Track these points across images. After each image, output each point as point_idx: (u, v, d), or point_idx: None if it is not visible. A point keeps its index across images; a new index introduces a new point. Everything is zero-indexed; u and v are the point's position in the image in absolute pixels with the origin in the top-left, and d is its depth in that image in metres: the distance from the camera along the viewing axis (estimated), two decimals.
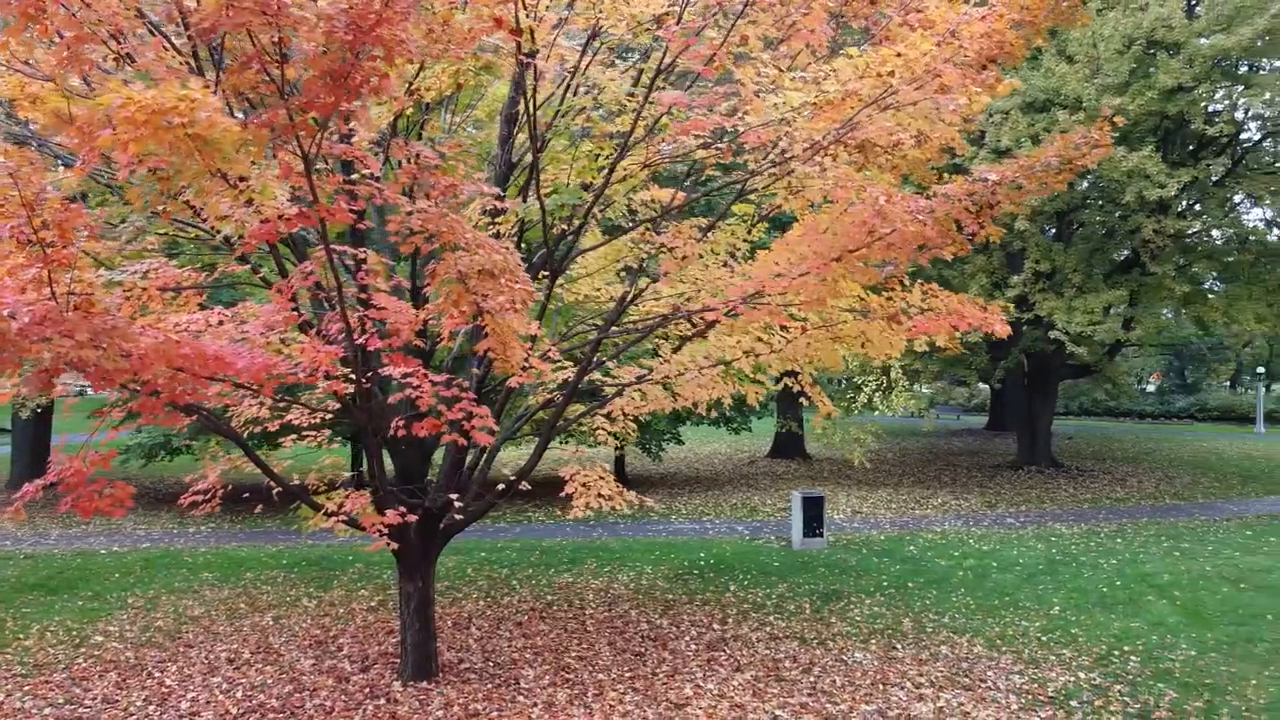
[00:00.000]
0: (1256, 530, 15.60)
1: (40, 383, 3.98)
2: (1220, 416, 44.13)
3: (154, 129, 3.13)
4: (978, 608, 10.48)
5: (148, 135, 3.16)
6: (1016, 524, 16.38)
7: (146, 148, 3.22)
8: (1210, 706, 7.47)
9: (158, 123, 3.11)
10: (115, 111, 3.11)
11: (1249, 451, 28.91)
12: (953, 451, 28.93)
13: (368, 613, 10.37)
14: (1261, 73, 17.94)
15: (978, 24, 5.42)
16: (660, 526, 16.07)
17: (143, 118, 3.10)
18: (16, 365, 3.82)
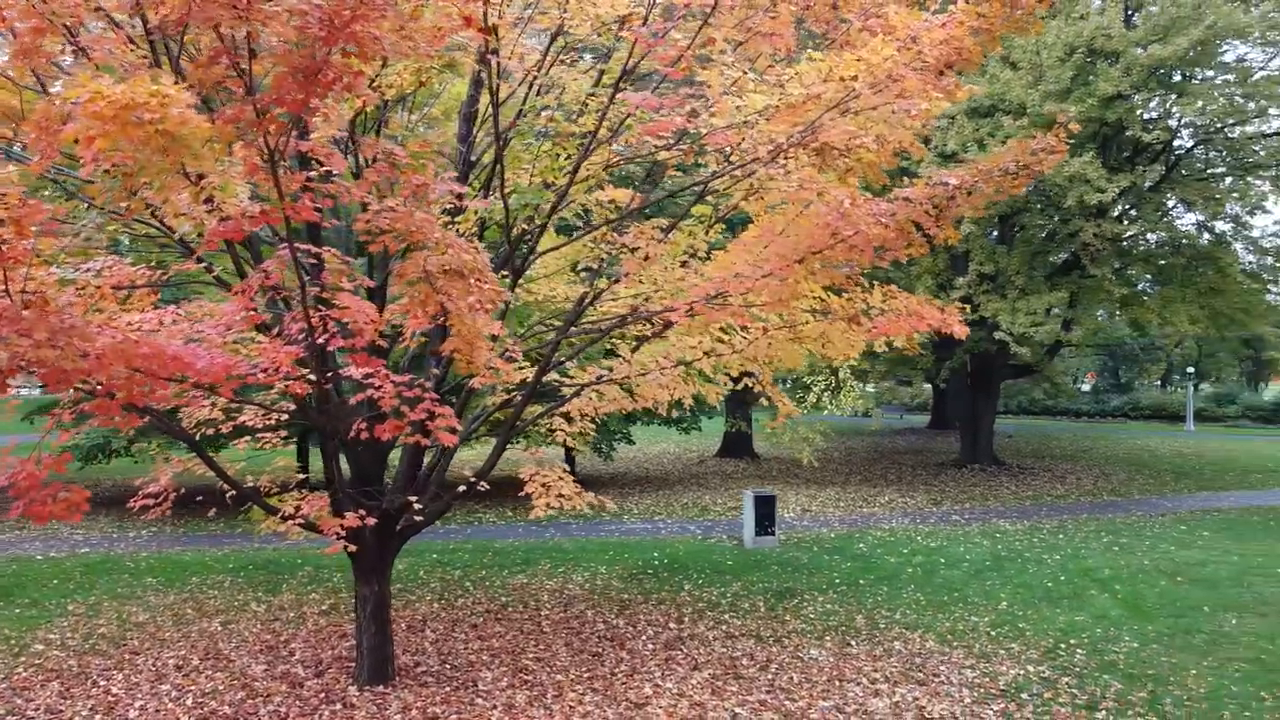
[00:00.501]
0: (1190, 525, 16.11)
1: None
2: (1152, 415, 45.42)
3: (122, 125, 3.04)
4: (928, 603, 10.67)
5: (115, 131, 3.07)
6: (962, 521, 16.71)
7: (112, 144, 3.14)
8: (1154, 696, 7.70)
9: (126, 118, 3.02)
10: (82, 106, 3.03)
11: (1180, 449, 29.83)
12: (897, 450, 29.39)
13: (319, 616, 10.21)
14: (1195, 82, 18.52)
15: (938, 30, 5.52)
16: (613, 526, 16.08)
17: (110, 113, 3.01)
18: None
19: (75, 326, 3.97)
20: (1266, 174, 19.82)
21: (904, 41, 5.54)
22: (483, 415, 8.13)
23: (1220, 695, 7.72)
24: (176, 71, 4.29)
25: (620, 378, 7.18)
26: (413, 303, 4.59)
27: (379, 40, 3.52)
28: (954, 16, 5.50)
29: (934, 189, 5.45)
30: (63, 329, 3.89)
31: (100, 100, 2.99)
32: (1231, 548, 13.89)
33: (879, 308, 6.09)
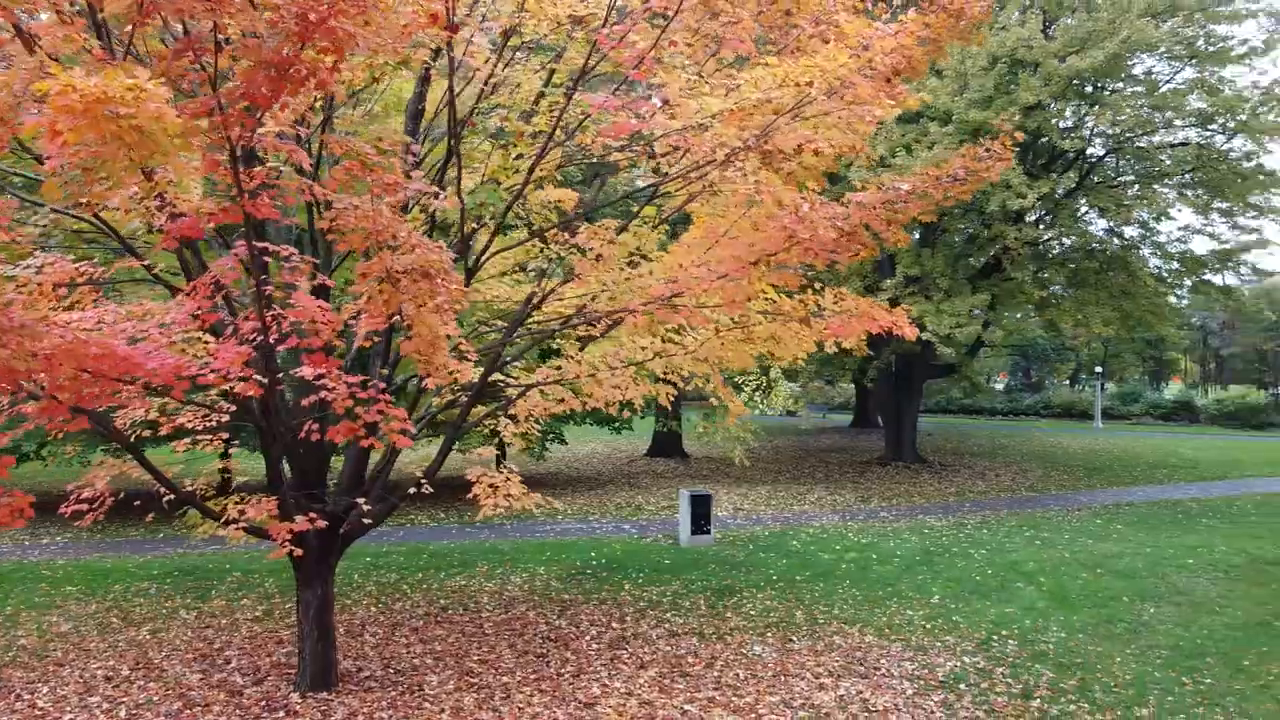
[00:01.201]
0: (1105, 519, 16.78)
1: None
2: (1062, 413, 47.12)
3: (94, 119, 2.93)
4: (864, 598, 10.90)
5: (86, 125, 2.96)
6: (890, 517, 17.09)
7: (79, 138, 3.02)
8: (1083, 684, 8.01)
9: (99, 112, 2.92)
10: (52, 99, 2.90)
11: (1091, 446, 31.02)
12: (823, 449, 29.90)
13: (253, 623, 9.95)
14: (1108, 93, 19.27)
15: (889, 39, 5.66)
16: (548, 527, 16.03)
17: (81, 106, 2.90)
18: None
19: (26, 325, 3.82)
20: (1172, 182, 20.77)
21: (856, 49, 5.68)
22: (427, 416, 8.03)
23: (1144, 682, 8.07)
24: (139, 63, 4.13)
25: (571, 377, 7.17)
26: (374, 302, 4.52)
27: (354, 37, 3.46)
28: (906, 27, 5.65)
29: (886, 194, 5.59)
30: (13, 327, 3.73)
31: (73, 93, 2.88)
32: (1145, 540, 14.51)
33: (831, 309, 6.22)
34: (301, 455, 7.81)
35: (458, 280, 4.63)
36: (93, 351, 4.20)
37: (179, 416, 7.20)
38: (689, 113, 5.25)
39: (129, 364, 4.40)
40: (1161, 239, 22.42)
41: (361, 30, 3.44)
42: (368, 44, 3.57)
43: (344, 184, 4.18)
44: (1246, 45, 19.21)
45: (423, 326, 4.78)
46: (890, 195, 5.52)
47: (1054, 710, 7.42)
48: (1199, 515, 17.26)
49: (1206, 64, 19.15)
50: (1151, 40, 16.32)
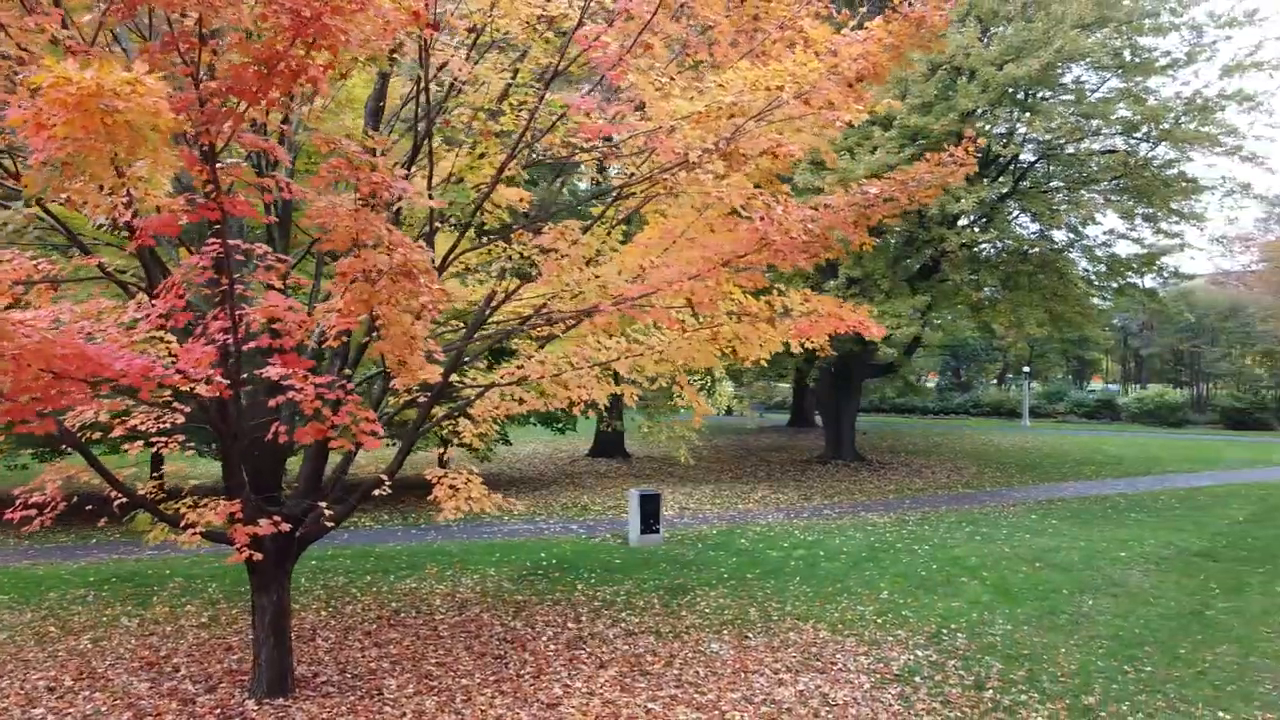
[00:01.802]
0: (1039, 514, 17.28)
1: None
2: (991, 412, 48.42)
3: (86, 113, 2.84)
4: (815, 595, 11.07)
5: (77, 119, 2.87)
6: (833, 515, 17.37)
7: (67, 132, 2.92)
8: (1032, 675, 8.25)
9: (92, 106, 2.83)
10: (45, 91, 2.80)
11: (1021, 443, 31.91)
12: (762, 448, 30.23)
13: (199, 630, 9.70)
14: (1042, 101, 19.85)
15: (857, 45, 5.77)
16: (495, 528, 15.93)
17: (74, 100, 2.81)
18: None
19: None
20: (1100, 188, 21.48)
21: (824, 55, 5.78)
22: (385, 417, 7.93)
23: (1089, 671, 8.35)
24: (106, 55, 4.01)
25: (536, 377, 7.15)
26: (355, 302, 4.46)
27: (347, 34, 3.41)
28: (873, 34, 5.76)
29: (854, 197, 5.70)
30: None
31: (67, 85, 2.78)
32: (1079, 534, 14.99)
33: (800, 310, 6.31)
34: (256, 457, 7.66)
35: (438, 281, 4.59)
36: (60, 351, 4.07)
37: (130, 418, 7.01)
38: (662, 114, 5.28)
39: (96, 364, 4.26)
40: (1089, 243, 23.16)
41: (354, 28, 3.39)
42: (357, 41, 3.52)
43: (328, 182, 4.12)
44: (1169, 57, 19.96)
45: (398, 327, 4.73)
46: (859, 199, 5.63)
47: (1006, 700, 7.63)
48: (1127, 510, 17.89)
49: (1132, 74, 19.85)
50: (1084, 50, 16.87)
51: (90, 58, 3.09)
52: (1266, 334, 43.66)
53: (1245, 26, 18.83)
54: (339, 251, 4.55)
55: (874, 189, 5.66)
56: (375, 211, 4.21)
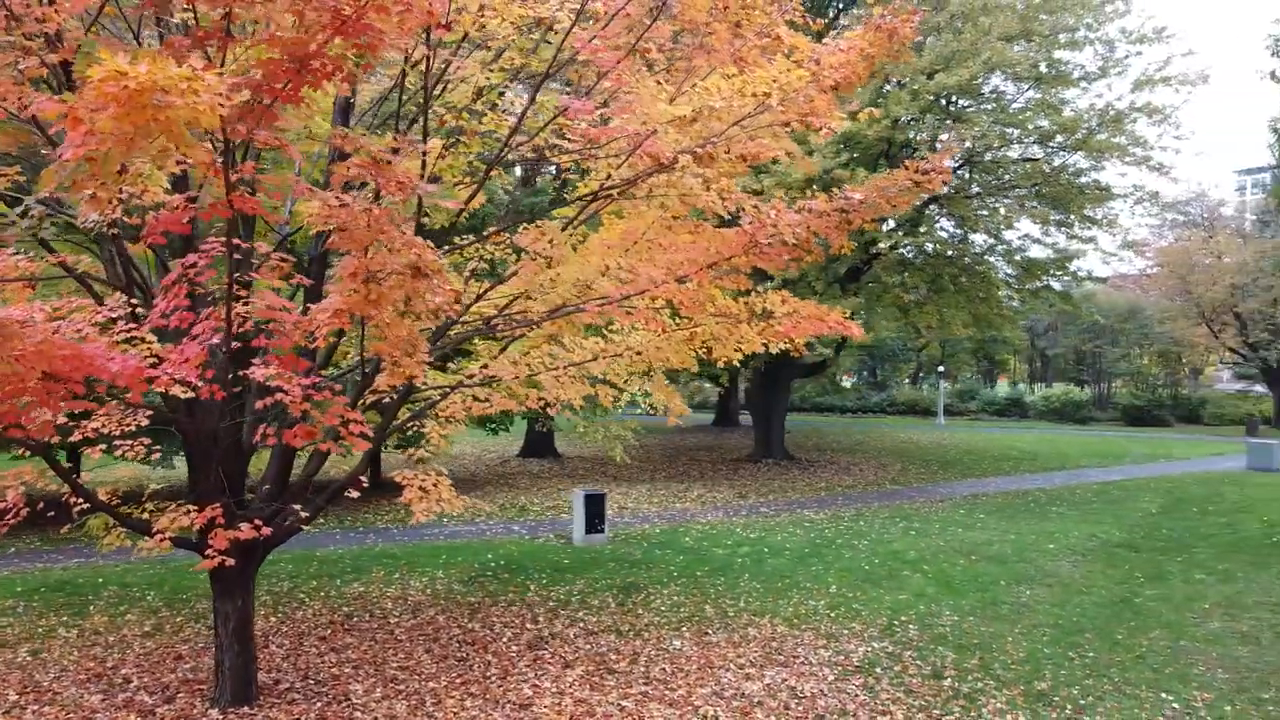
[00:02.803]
0: (966, 509, 17.88)
1: None
2: (907, 410, 49.72)
3: (137, 107, 2.76)
4: (766, 591, 11.26)
5: (128, 114, 2.78)
6: (770, 512, 17.66)
7: (116, 127, 2.83)
8: (984, 663, 8.58)
9: (145, 101, 2.75)
10: (96, 85, 2.72)
11: (939, 441, 32.90)
12: (692, 447, 30.50)
13: (143, 639, 9.37)
14: (966, 109, 20.54)
15: (839, 55, 5.93)
16: (436, 530, 15.77)
17: (125, 95, 2.73)
18: None
19: (4, 323, 3.56)
20: (1018, 194, 22.31)
21: (808, 63, 5.93)
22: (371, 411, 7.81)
23: (1037, 658, 8.71)
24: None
25: (509, 378, 7.14)
26: (362, 301, 4.40)
27: (383, 34, 3.38)
28: (854, 45, 5.94)
29: (838, 202, 5.86)
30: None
31: (120, 80, 2.70)
32: (1008, 528, 15.57)
33: (781, 312, 6.45)
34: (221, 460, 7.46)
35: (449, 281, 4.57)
36: (60, 353, 3.94)
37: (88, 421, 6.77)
38: (656, 118, 5.35)
39: (91, 366, 4.14)
40: (1007, 247, 24.02)
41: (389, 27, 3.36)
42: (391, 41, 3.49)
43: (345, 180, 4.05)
44: (1084, 70, 20.87)
45: (401, 328, 4.69)
46: (842, 204, 5.80)
47: (964, 688, 7.92)
48: (1048, 504, 18.64)
49: (1049, 86, 20.67)
50: (1010, 61, 17.53)
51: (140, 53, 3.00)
52: (1163, 335, 45.90)
53: (1155, 43, 19.83)
54: (339, 251, 4.48)
55: (858, 195, 5.83)
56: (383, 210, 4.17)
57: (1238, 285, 39.64)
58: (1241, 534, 15.44)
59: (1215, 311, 41.44)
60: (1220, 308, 40.96)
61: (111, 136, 2.91)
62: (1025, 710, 7.41)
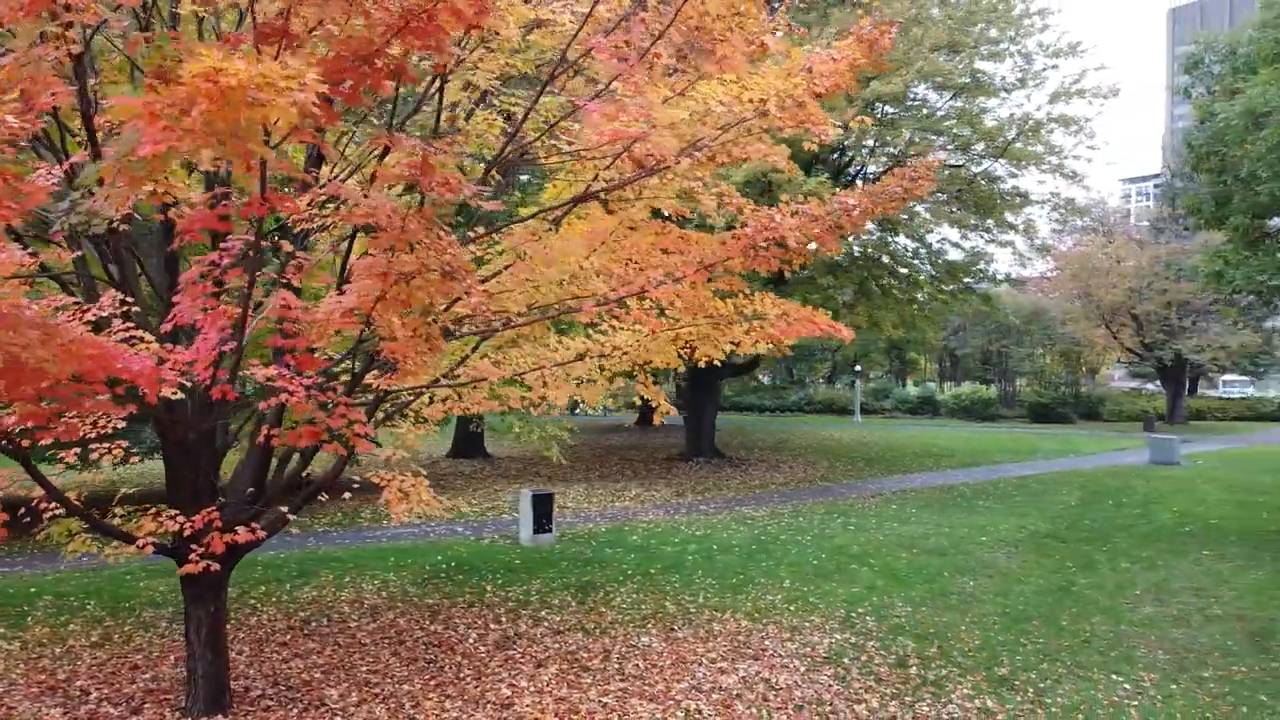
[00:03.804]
0: (898, 504, 18.44)
1: None
2: (824, 409, 50.83)
3: (228, 104, 2.72)
4: (722, 587, 11.45)
5: (219, 110, 2.74)
6: (710, 510, 17.90)
7: (208, 124, 2.78)
8: (944, 651, 8.91)
9: (240, 98, 2.71)
10: (191, 81, 2.66)
11: (860, 438, 33.74)
12: (620, 446, 30.63)
13: (92, 649, 9.03)
14: (894, 116, 21.17)
15: (831, 64, 6.13)
16: (378, 532, 15.53)
17: (218, 91, 2.69)
18: None
19: (44, 322, 3.47)
20: (941, 199, 23.07)
21: (801, 72, 6.11)
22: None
23: (993, 645, 9.09)
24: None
25: (493, 377, 7.14)
26: (394, 302, 4.38)
27: (447, 34, 3.39)
28: (846, 54, 6.14)
29: (831, 207, 6.05)
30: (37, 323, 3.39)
31: (214, 76, 2.66)
32: (941, 521, 16.13)
33: (774, 314, 6.61)
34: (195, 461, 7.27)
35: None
36: (89, 352, 3.84)
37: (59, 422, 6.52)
38: (663, 121, 5.45)
39: (115, 366, 4.03)
40: (929, 251, 24.82)
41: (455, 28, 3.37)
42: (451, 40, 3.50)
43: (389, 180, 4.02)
44: (1004, 81, 21.73)
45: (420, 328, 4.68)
46: (837, 208, 5.99)
47: (930, 675, 8.23)
48: (974, 498, 19.35)
49: (972, 95, 21.46)
50: (941, 71, 18.16)
51: (232, 49, 2.94)
52: (1065, 335, 47.96)
53: (1070, 57, 20.78)
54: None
55: (851, 200, 6.03)
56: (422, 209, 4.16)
57: (1135, 288, 41.70)
58: (1156, 524, 16.31)
59: (1114, 313, 43.51)
60: (1119, 309, 43.02)
61: (192, 133, 2.87)
62: (991, 695, 7.75)
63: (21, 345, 3.16)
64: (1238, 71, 14.77)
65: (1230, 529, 15.90)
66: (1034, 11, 21.22)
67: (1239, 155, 13.41)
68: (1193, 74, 16.14)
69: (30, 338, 3.21)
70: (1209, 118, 14.64)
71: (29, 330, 3.23)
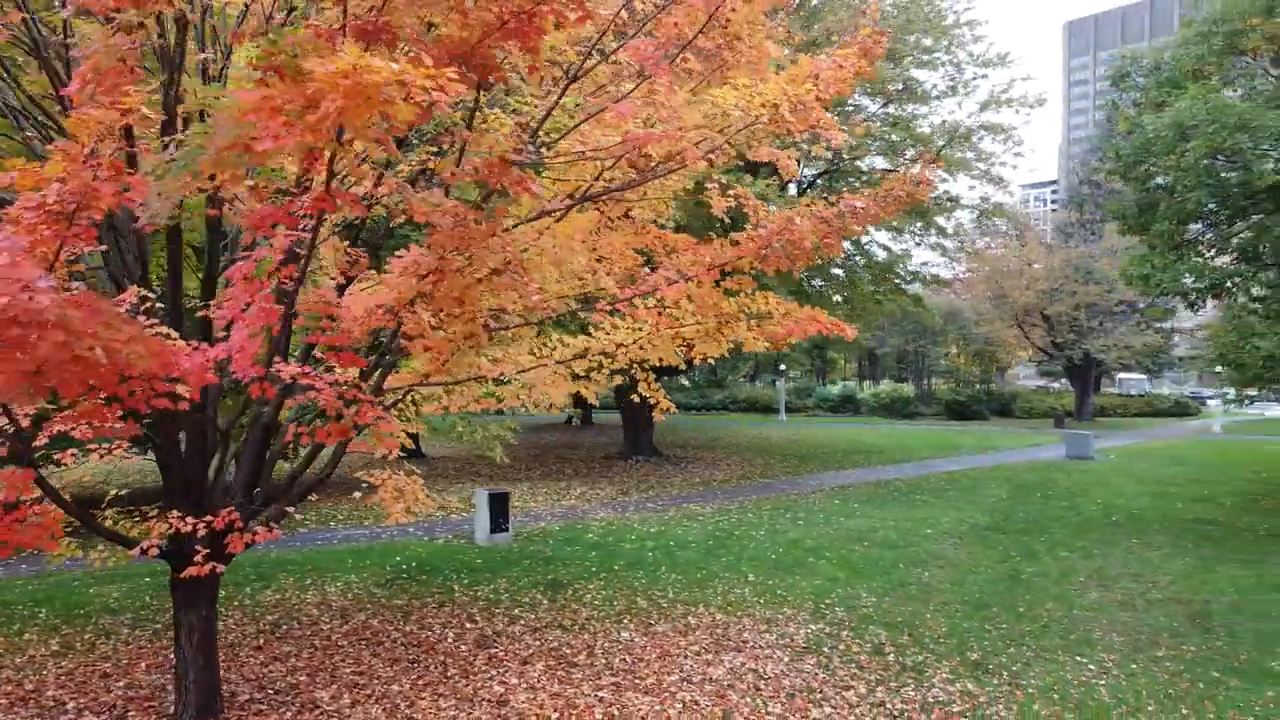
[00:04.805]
0: (840, 499, 18.90)
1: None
2: (748, 407, 51.57)
3: (367, 101, 2.73)
4: (688, 582, 11.62)
5: (352, 107, 2.75)
6: (658, 508, 18.07)
7: (347, 120, 2.78)
8: (916, 638, 9.25)
9: (376, 96, 2.72)
10: (324, 77, 2.66)
11: (789, 436, 34.38)
12: (554, 446, 30.60)
13: (55, 658, 8.72)
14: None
15: (835, 70, 6.35)
16: (328, 534, 15.26)
17: (355, 89, 2.70)
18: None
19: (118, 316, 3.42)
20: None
21: (810, 77, 6.31)
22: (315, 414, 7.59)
23: (960, 632, 9.46)
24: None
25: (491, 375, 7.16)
26: (447, 299, 4.40)
27: (544, 33, 3.44)
28: (849, 63, 6.37)
29: (839, 209, 6.26)
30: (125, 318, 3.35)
31: (359, 74, 2.67)
32: (884, 515, 16.63)
33: (779, 314, 6.79)
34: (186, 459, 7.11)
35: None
36: (154, 348, 3.79)
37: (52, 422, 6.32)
38: (689, 124, 5.58)
39: (177, 361, 3.99)
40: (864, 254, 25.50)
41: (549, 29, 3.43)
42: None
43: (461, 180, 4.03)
44: (936, 88, 22.47)
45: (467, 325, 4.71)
46: (845, 210, 6.20)
47: (908, 661, 8.54)
48: (910, 492, 19.97)
49: (904, 103, 22.14)
50: (885, 78, 18.69)
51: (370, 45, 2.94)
52: (979, 335, 49.66)
53: (999, 67, 21.64)
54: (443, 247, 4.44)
55: (859, 203, 6.25)
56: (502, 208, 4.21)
57: (1046, 290, 43.45)
58: (1084, 515, 17.11)
59: (1027, 314, 45.26)
60: (1031, 310, 44.77)
61: (313, 129, 2.87)
62: (969, 679, 8.09)
63: (123, 341, 3.12)
64: (1161, 85, 15.64)
65: (1151, 519, 16.78)
66: (963, 22, 21.99)
67: (1167, 165, 14.19)
68: (1119, 86, 17.02)
69: (129, 333, 3.16)
70: (1135, 129, 15.44)
71: (126, 326, 3.18)
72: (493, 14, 3.30)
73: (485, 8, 3.28)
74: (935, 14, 21.05)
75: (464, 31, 3.37)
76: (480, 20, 3.32)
